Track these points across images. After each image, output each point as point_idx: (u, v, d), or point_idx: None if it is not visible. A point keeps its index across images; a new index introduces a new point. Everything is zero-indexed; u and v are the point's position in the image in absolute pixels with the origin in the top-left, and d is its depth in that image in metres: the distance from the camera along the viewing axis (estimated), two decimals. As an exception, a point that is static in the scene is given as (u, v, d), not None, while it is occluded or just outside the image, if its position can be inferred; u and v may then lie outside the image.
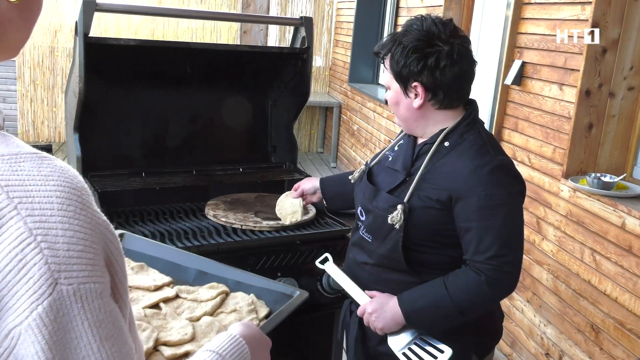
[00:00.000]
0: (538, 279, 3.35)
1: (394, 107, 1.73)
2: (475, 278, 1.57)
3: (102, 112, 2.49)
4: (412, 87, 1.64)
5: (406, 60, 1.60)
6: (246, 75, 2.74)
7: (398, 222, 1.63)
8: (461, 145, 1.64)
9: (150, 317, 1.35)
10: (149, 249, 1.64)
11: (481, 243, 1.55)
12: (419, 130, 1.74)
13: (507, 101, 3.75)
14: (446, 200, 1.60)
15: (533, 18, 3.50)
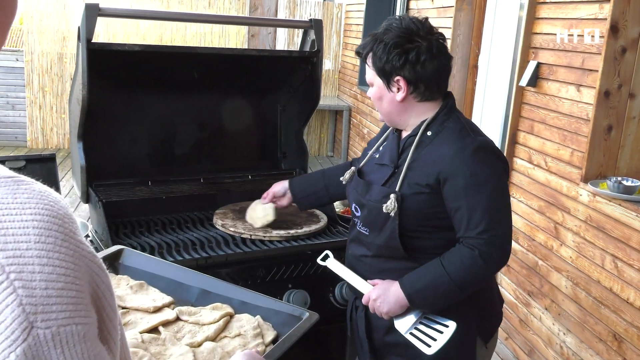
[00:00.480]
0: (557, 286, 3.25)
1: (377, 102, 1.80)
2: (469, 253, 1.64)
3: (107, 119, 2.42)
4: (394, 82, 1.72)
5: (388, 56, 1.69)
6: (255, 80, 2.67)
7: (392, 210, 1.70)
8: (442, 132, 1.73)
9: (148, 342, 1.27)
10: (149, 265, 1.55)
11: (471, 219, 1.64)
12: (402, 123, 1.81)
13: (522, 103, 3.65)
14: (434, 183, 1.68)
15: (548, 18, 3.40)
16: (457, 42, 4.63)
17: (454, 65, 4.61)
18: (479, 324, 1.83)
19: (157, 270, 1.54)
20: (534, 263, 3.48)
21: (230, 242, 2.22)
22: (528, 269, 3.53)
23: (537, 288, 3.44)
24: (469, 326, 1.79)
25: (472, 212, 1.64)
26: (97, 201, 2.21)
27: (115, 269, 1.57)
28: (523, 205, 3.60)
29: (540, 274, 3.41)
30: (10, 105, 7.91)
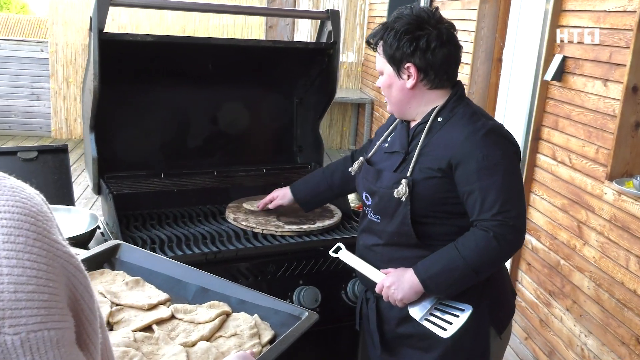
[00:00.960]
0: (579, 286, 3.16)
1: (387, 90, 1.80)
2: (484, 235, 1.63)
3: (120, 111, 2.40)
4: (405, 69, 1.73)
5: (399, 43, 1.70)
6: (270, 73, 2.62)
7: (404, 194, 1.69)
8: (453, 117, 1.73)
9: (140, 341, 1.22)
10: (146, 261, 1.51)
11: (485, 202, 1.63)
12: (411, 112, 1.80)
13: (546, 98, 3.56)
14: (446, 167, 1.67)
15: (575, 10, 3.30)
16: (481, 35, 4.54)
17: (477, 58, 4.54)
18: (492, 314, 1.81)
19: (155, 267, 1.50)
20: (555, 262, 3.39)
21: (242, 237, 2.18)
22: (550, 268, 3.44)
23: (558, 288, 3.35)
24: (482, 315, 1.77)
25: (485, 195, 1.63)
26: (107, 193, 2.19)
27: (112, 265, 1.54)
28: (546, 203, 3.51)
29: (562, 274, 3.32)
30: (35, 95, 7.99)
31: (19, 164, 2.23)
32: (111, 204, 2.15)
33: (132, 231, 2.16)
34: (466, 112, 1.73)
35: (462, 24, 4.89)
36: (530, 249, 3.66)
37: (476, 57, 4.58)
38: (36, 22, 16.66)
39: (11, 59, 7.85)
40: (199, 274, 1.47)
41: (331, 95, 2.55)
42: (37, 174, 2.24)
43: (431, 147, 1.73)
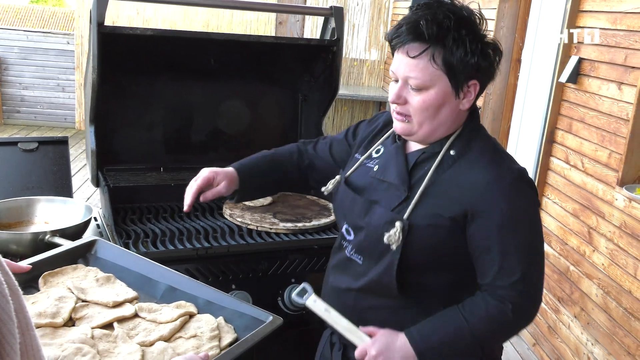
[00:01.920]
0: (587, 293, 3.09)
1: (433, 110, 1.38)
2: (499, 307, 1.37)
3: (122, 104, 2.41)
4: (467, 86, 1.37)
5: (473, 53, 1.32)
6: (275, 69, 2.61)
7: (395, 242, 1.38)
8: (470, 153, 1.41)
9: (98, 338, 1.21)
10: (120, 258, 1.50)
11: (504, 266, 1.35)
12: (432, 138, 1.45)
13: (561, 100, 3.48)
14: (460, 217, 1.37)
15: (592, 11, 3.22)
16: (500, 35, 4.46)
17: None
18: None
19: (127, 264, 1.49)
20: (565, 268, 3.32)
21: (236, 233, 2.18)
22: (559, 274, 3.38)
23: (567, 294, 3.28)
24: None
25: (505, 257, 1.35)
26: (104, 185, 2.21)
27: (87, 260, 1.54)
28: (557, 207, 3.44)
29: (571, 280, 3.25)
30: (61, 87, 8.11)
31: (20, 154, 2.25)
32: (107, 196, 2.16)
33: (127, 224, 2.17)
34: (486, 149, 1.42)
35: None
36: (541, 253, 3.59)
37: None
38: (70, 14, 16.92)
39: (38, 50, 7.98)
40: (170, 273, 1.45)
41: (334, 92, 2.52)
42: (37, 165, 2.26)
43: (441, 187, 1.40)
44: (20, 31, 8.15)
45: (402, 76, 1.38)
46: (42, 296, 1.34)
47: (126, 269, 1.48)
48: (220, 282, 2.01)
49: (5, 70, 8.00)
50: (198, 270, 1.98)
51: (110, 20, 7.76)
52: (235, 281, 2.03)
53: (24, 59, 7.99)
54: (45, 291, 1.36)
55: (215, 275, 2.01)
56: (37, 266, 1.42)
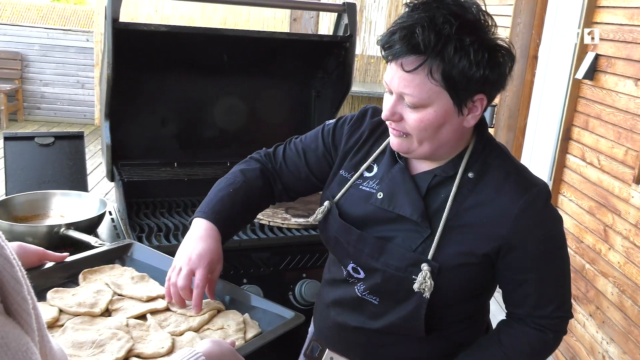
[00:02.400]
0: (602, 292, 3.07)
1: (432, 130, 1.19)
2: (540, 337, 1.29)
3: (136, 100, 2.44)
4: (473, 102, 1.18)
5: (483, 67, 1.12)
6: (287, 65, 2.62)
7: (428, 289, 1.22)
8: (489, 174, 1.25)
9: (132, 327, 1.28)
10: (154, 260, 1.60)
11: (543, 296, 1.27)
12: (437, 157, 1.28)
13: (578, 97, 3.45)
14: (493, 252, 1.23)
15: (609, 6, 3.19)
16: (517, 31, 4.43)
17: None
18: None
19: (160, 265, 1.58)
20: (581, 266, 3.29)
21: (248, 228, 2.19)
22: (575, 272, 3.35)
23: (582, 293, 3.26)
24: None
25: (544, 286, 1.26)
26: (118, 180, 2.23)
27: (123, 261, 1.63)
28: (573, 204, 3.41)
29: (587, 278, 3.22)
30: (80, 84, 8.20)
31: (36, 148, 2.29)
32: (121, 191, 2.19)
33: (140, 218, 2.20)
34: (508, 168, 1.26)
35: (497, 20, 4.79)
36: (557, 251, 3.57)
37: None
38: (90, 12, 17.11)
39: (58, 47, 8.08)
40: None
41: (346, 89, 2.53)
42: (53, 159, 2.30)
43: (465, 218, 1.23)
44: (40, 29, 8.26)
45: (396, 91, 1.19)
46: (82, 289, 1.43)
47: (159, 269, 1.57)
48: (232, 276, 2.03)
49: (26, 67, 8.11)
50: (210, 264, 2.00)
51: (130, 18, 7.83)
52: (246, 276, 2.05)
53: (44, 56, 8.10)
54: (85, 285, 1.45)
55: (227, 269, 2.02)
56: (77, 264, 1.53)
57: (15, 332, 0.66)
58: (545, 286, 1.27)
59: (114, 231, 2.17)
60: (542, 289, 1.27)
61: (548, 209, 1.25)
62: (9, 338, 0.65)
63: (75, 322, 1.26)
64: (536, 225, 1.22)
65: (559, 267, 1.29)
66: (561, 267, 1.29)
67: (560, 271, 1.29)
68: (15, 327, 0.67)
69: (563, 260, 1.30)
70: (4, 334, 0.64)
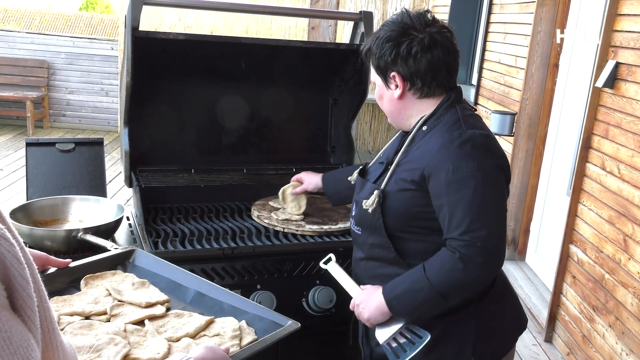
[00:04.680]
0: (622, 302, 3.03)
1: (380, 101, 1.74)
2: (449, 256, 1.52)
3: (155, 107, 2.48)
4: (391, 78, 1.65)
5: (381, 51, 1.63)
6: (305, 73, 2.64)
7: (370, 206, 1.64)
8: (437, 126, 1.63)
9: (130, 332, 1.31)
10: (155, 266, 1.63)
11: (453, 218, 1.52)
12: (405, 122, 1.72)
13: (598, 105, 3.42)
14: (419, 179, 1.58)
15: (631, 14, 3.16)
16: (537, 39, 4.41)
17: (532, 63, 4.41)
18: (475, 344, 1.65)
19: (161, 271, 1.61)
20: (600, 276, 3.25)
21: (262, 234, 2.21)
22: (594, 282, 3.31)
23: (602, 303, 3.22)
24: (463, 344, 1.64)
25: (452, 211, 1.52)
26: (136, 185, 2.27)
27: (125, 267, 1.65)
28: (593, 214, 3.38)
29: (606, 289, 3.18)
30: (105, 92, 8.33)
31: (57, 154, 2.34)
32: (138, 196, 2.22)
33: (157, 223, 2.23)
34: (450, 120, 1.62)
35: (518, 28, 4.77)
36: (576, 261, 3.53)
37: (531, 62, 4.45)
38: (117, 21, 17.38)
39: (84, 56, 8.22)
40: (199, 280, 1.57)
41: (363, 96, 2.54)
42: (73, 165, 2.34)
43: (409, 157, 1.65)
44: (67, 37, 8.42)
45: None
46: (83, 295, 1.46)
47: (160, 275, 1.60)
48: (246, 282, 2.05)
49: (53, 75, 8.26)
50: (224, 269, 2.02)
51: (154, 26, 7.94)
52: (260, 281, 2.06)
53: (70, 64, 8.25)
54: (86, 291, 1.49)
55: (241, 275, 2.04)
56: (80, 270, 1.56)
57: (18, 328, 0.69)
58: (454, 211, 1.51)
59: (130, 236, 2.21)
60: (452, 212, 1.52)
61: (463, 148, 1.54)
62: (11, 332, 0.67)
63: (74, 326, 1.29)
64: (447, 158, 1.53)
65: (467, 198, 1.50)
66: (469, 198, 1.50)
67: (468, 201, 1.50)
68: (19, 323, 0.69)
69: (474, 193, 1.50)
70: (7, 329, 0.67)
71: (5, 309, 0.69)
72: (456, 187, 1.52)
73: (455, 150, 1.54)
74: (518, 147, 4.64)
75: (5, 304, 0.69)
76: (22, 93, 7.99)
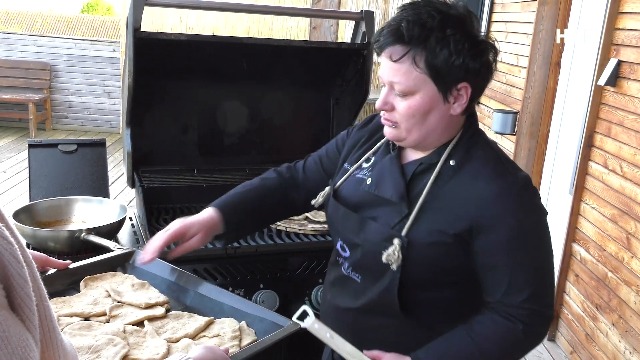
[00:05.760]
0: (625, 300, 3.02)
1: (420, 117, 1.30)
2: (509, 327, 1.30)
3: (157, 107, 2.48)
4: (457, 89, 1.28)
5: (460, 55, 1.23)
6: (307, 72, 2.64)
7: (395, 262, 1.30)
8: (471, 163, 1.33)
9: (129, 333, 1.30)
10: (155, 268, 1.61)
11: (513, 283, 1.29)
12: (426, 145, 1.37)
13: (600, 104, 3.42)
14: (464, 232, 1.29)
15: (633, 12, 3.16)
16: (539, 38, 4.40)
17: (534, 62, 4.41)
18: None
19: (161, 272, 1.60)
20: (603, 275, 3.25)
21: (265, 233, 2.21)
22: (597, 280, 3.31)
23: (605, 302, 3.22)
24: None
25: (514, 274, 1.29)
26: (139, 186, 2.28)
27: (124, 269, 1.65)
28: (595, 212, 3.37)
29: (610, 287, 3.18)
30: (107, 93, 8.35)
31: (60, 155, 2.35)
32: (141, 197, 2.23)
33: (160, 224, 2.23)
34: (489, 157, 1.33)
35: (520, 27, 4.77)
36: (579, 260, 3.53)
37: (533, 61, 4.44)
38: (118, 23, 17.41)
39: (85, 58, 8.24)
40: (198, 281, 1.56)
41: (364, 96, 2.54)
42: (76, 166, 2.35)
43: (442, 201, 1.31)
44: (69, 39, 8.43)
45: (387, 81, 1.31)
46: (83, 296, 1.46)
47: (159, 276, 1.60)
48: (249, 281, 2.05)
49: (55, 77, 8.28)
50: (227, 269, 2.03)
51: (155, 28, 7.95)
52: (263, 281, 2.07)
53: (72, 66, 8.27)
54: (86, 292, 1.49)
55: (244, 274, 2.05)
56: (79, 271, 1.56)
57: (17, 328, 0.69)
58: (516, 274, 1.29)
59: (133, 236, 2.21)
60: (512, 276, 1.29)
61: (523, 198, 1.30)
62: (10, 332, 0.67)
63: (74, 327, 1.29)
64: (508, 210, 1.27)
65: (532, 258, 1.31)
66: (534, 258, 1.31)
67: (533, 262, 1.31)
68: (17, 323, 0.69)
69: (538, 251, 1.32)
70: (5, 328, 0.67)
71: (3, 308, 0.69)
72: (520, 245, 1.29)
73: (515, 200, 1.28)
74: (520, 146, 4.63)
75: (4, 303, 0.70)
76: (25, 95, 8.00)
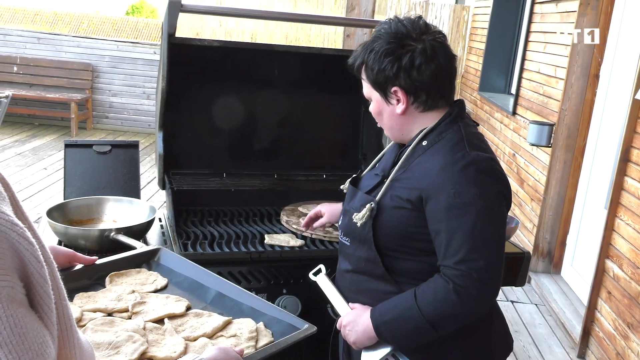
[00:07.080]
0: (658, 320, 2.95)
1: (378, 117, 1.64)
2: (443, 286, 1.45)
3: (189, 111, 2.53)
4: (391, 93, 1.55)
5: (380, 66, 1.53)
6: (337, 80, 2.65)
7: (360, 219, 1.57)
8: (438, 143, 1.54)
9: (149, 330, 1.34)
10: (179, 266, 1.66)
11: (449, 246, 1.45)
12: (405, 137, 1.63)
13: (638, 117, 3.35)
14: (416, 200, 1.51)
15: (673, 25, 3.09)
16: (578, 49, 4.34)
17: (572, 73, 4.35)
18: None
19: (184, 271, 1.64)
20: (636, 293, 3.18)
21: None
22: (630, 298, 3.24)
23: (637, 320, 3.14)
24: None
25: (451, 238, 1.44)
26: (169, 188, 2.32)
27: (150, 266, 1.69)
28: (630, 229, 3.30)
29: (642, 306, 3.11)
30: (146, 95, 8.50)
31: (94, 156, 2.41)
32: (170, 198, 2.27)
33: (188, 226, 2.27)
34: (454, 138, 1.52)
35: (558, 38, 4.70)
36: (612, 276, 3.46)
37: (571, 73, 4.38)
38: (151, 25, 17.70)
39: (127, 59, 8.41)
40: (220, 281, 1.59)
41: (394, 105, 2.54)
42: (109, 166, 2.41)
43: (407, 173, 1.55)
44: (111, 41, 8.62)
45: None
46: (107, 292, 1.51)
47: (182, 275, 1.63)
48: (272, 286, 2.07)
49: (97, 78, 8.47)
50: (251, 273, 2.05)
51: (195, 31, 8.09)
52: (286, 286, 2.09)
53: (114, 67, 8.45)
54: (110, 288, 1.53)
55: (267, 279, 2.07)
56: (105, 267, 1.61)
57: (34, 325, 0.72)
58: (452, 238, 1.44)
59: (162, 237, 2.26)
60: (449, 239, 1.45)
61: (466, 171, 1.46)
62: (27, 329, 0.70)
63: (96, 323, 1.33)
64: (449, 182, 1.45)
65: (467, 225, 1.43)
66: (470, 225, 1.43)
67: (468, 229, 1.43)
68: (36, 320, 0.72)
69: (475, 220, 1.44)
70: (23, 325, 0.70)
71: (22, 305, 0.72)
72: (456, 212, 1.44)
73: (457, 173, 1.46)
74: (556, 158, 4.56)
75: (24, 301, 0.73)
76: (67, 95, 8.21)
